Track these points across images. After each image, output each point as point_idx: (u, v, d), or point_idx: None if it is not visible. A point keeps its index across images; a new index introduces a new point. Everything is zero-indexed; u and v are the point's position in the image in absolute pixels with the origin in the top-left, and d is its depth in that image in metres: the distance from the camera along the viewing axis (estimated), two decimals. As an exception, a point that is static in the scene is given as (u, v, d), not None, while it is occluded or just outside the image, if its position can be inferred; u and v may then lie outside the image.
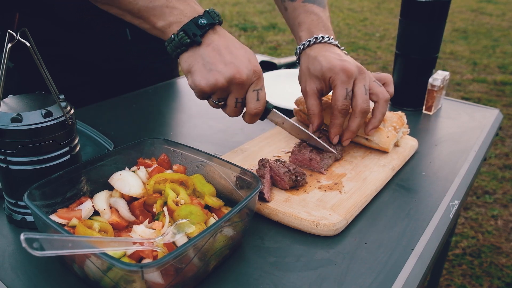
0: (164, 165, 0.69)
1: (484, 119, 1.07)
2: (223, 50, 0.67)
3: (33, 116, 0.59)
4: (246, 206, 0.56)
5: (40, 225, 0.55)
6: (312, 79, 0.80)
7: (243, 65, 0.67)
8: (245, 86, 0.68)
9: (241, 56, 0.67)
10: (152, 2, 0.67)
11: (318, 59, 0.79)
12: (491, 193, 2.49)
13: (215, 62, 0.66)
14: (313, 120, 0.82)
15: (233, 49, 0.67)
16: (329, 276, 0.57)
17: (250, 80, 0.68)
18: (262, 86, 0.70)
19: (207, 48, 0.67)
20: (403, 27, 1.07)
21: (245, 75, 0.67)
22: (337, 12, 6.90)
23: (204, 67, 0.66)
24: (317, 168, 0.76)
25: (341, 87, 0.76)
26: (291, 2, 0.90)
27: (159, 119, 1.05)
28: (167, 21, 0.67)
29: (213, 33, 0.68)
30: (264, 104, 0.71)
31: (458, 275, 1.91)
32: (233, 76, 0.66)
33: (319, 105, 0.81)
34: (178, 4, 0.67)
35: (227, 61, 0.66)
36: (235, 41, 0.69)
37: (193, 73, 0.67)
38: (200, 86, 0.67)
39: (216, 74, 0.66)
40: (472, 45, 5.26)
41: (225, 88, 0.67)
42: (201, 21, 0.66)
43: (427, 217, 0.70)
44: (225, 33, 0.69)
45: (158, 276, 0.48)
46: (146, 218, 0.61)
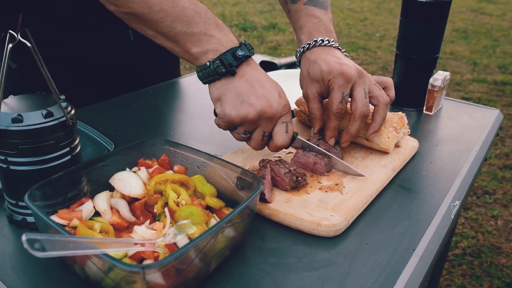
0: (165, 166, 0.69)
1: (485, 119, 1.07)
2: (255, 83, 0.68)
3: (33, 117, 0.59)
4: (247, 207, 0.56)
5: (40, 225, 0.55)
6: (312, 83, 0.81)
7: (274, 100, 0.68)
8: (274, 120, 0.70)
9: (272, 90, 0.69)
10: (190, 28, 0.67)
11: (317, 63, 0.79)
12: (491, 193, 2.49)
13: (248, 94, 0.67)
14: (314, 123, 0.82)
15: (264, 83, 0.69)
16: (330, 276, 0.57)
17: (280, 114, 0.70)
18: (291, 119, 0.72)
19: (241, 80, 0.68)
20: (404, 27, 1.07)
21: (275, 109, 0.68)
22: (337, 12, 6.90)
23: (236, 98, 0.68)
24: (321, 171, 0.76)
25: (338, 91, 0.76)
26: (293, 4, 0.90)
27: (160, 119, 1.05)
28: (203, 48, 0.68)
29: (246, 65, 0.69)
30: (291, 136, 0.73)
31: (458, 275, 1.91)
32: (264, 110, 0.68)
33: (320, 108, 0.82)
34: (215, 33, 0.68)
35: (259, 94, 0.68)
36: (265, 74, 0.71)
37: (224, 102, 0.69)
38: (231, 116, 0.68)
39: (248, 107, 0.67)
40: (472, 45, 5.26)
41: (254, 121, 0.69)
42: (239, 53, 0.68)
43: (428, 217, 0.70)
44: (257, 66, 0.71)
45: (160, 277, 0.48)
46: (147, 218, 0.61)
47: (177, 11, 0.67)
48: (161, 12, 0.67)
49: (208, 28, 0.68)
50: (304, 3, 0.88)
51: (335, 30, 0.86)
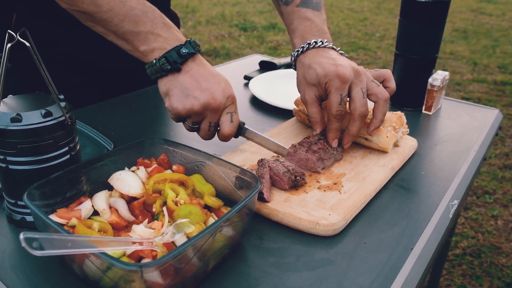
0: (163, 165, 0.69)
1: (484, 119, 1.07)
2: (200, 78, 0.71)
3: (32, 116, 0.59)
4: (246, 206, 0.56)
5: (39, 225, 0.55)
6: (309, 87, 0.81)
7: (218, 92, 0.71)
8: (218, 111, 0.73)
9: (216, 84, 0.72)
10: (138, 27, 0.71)
11: (312, 67, 0.79)
12: (491, 193, 2.49)
13: (192, 88, 0.71)
14: (315, 126, 0.83)
15: (209, 78, 0.72)
16: (329, 276, 0.58)
17: (224, 105, 0.73)
18: (236, 109, 0.75)
19: (186, 75, 0.71)
20: (403, 27, 1.07)
21: (219, 101, 0.71)
22: (337, 12, 6.90)
23: (181, 93, 0.71)
24: (313, 167, 0.76)
25: (335, 93, 0.76)
26: (285, 6, 0.90)
27: (159, 119, 1.05)
28: (150, 47, 0.71)
29: (192, 61, 0.72)
30: (237, 125, 0.76)
31: (458, 275, 1.91)
32: (208, 102, 0.71)
33: (320, 112, 0.82)
34: (162, 32, 0.72)
35: (203, 88, 0.71)
36: (211, 69, 0.74)
37: (171, 97, 0.72)
38: (177, 109, 0.71)
39: (192, 100, 0.70)
40: (472, 45, 5.26)
41: (200, 113, 0.72)
42: (183, 51, 0.71)
43: (427, 217, 0.70)
44: (203, 62, 0.74)
45: (158, 275, 0.48)
46: (145, 218, 0.61)
47: (124, 11, 0.70)
48: (110, 12, 0.70)
49: (155, 27, 0.71)
50: (297, 5, 0.88)
51: (335, 30, 0.87)
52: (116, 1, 0.70)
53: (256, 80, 1.23)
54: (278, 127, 0.95)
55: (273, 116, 1.06)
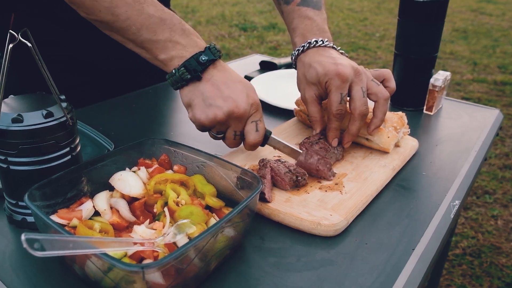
0: (164, 166, 0.69)
1: (485, 119, 1.07)
2: (221, 85, 0.69)
3: (34, 117, 0.59)
4: (247, 207, 0.56)
5: (40, 225, 0.55)
6: (309, 86, 0.81)
7: (241, 100, 0.69)
8: (243, 119, 0.71)
9: (239, 91, 0.69)
10: (156, 35, 0.69)
11: (313, 66, 0.79)
12: (491, 193, 2.49)
13: (214, 97, 0.68)
14: (315, 126, 0.83)
15: (231, 84, 0.70)
16: (330, 276, 0.57)
17: (248, 113, 0.71)
18: (261, 117, 0.73)
19: (207, 84, 0.69)
20: (402, 27, 1.07)
21: (243, 109, 0.69)
22: (337, 12, 6.90)
23: (203, 102, 0.69)
24: (325, 177, 0.75)
25: (336, 92, 0.76)
26: (286, 5, 0.90)
27: (160, 119, 1.05)
28: (169, 55, 0.69)
29: (213, 68, 0.70)
30: (263, 134, 0.74)
31: (458, 275, 1.91)
32: (232, 111, 0.69)
33: (320, 111, 0.82)
34: (181, 39, 0.69)
35: (225, 96, 0.68)
36: (234, 75, 0.72)
37: (193, 107, 0.70)
38: (200, 120, 0.70)
39: (215, 109, 0.68)
40: (472, 45, 5.26)
41: (224, 122, 0.70)
42: (202, 58, 0.68)
43: (428, 217, 0.70)
44: (225, 68, 0.72)
45: (159, 276, 0.48)
46: (146, 218, 0.61)
47: (142, 19, 0.68)
48: (127, 20, 0.68)
49: (173, 35, 0.69)
50: (297, 4, 0.87)
51: (335, 30, 0.87)
52: (134, 10, 0.68)
53: (256, 80, 1.23)
54: (278, 127, 0.95)
55: (273, 116, 1.06)
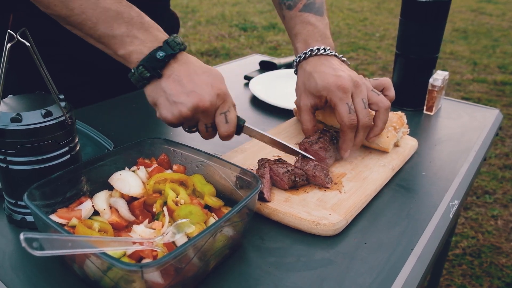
0: (164, 165, 0.69)
1: (484, 119, 1.07)
2: (184, 80, 0.66)
3: (33, 116, 0.59)
4: (246, 206, 0.56)
5: (40, 225, 0.55)
6: (307, 95, 0.80)
7: (205, 92, 0.66)
8: (210, 112, 0.68)
9: (203, 83, 0.66)
10: (112, 30, 0.66)
11: (313, 76, 0.78)
12: (491, 193, 2.49)
13: (177, 93, 0.66)
14: (307, 135, 0.83)
15: (194, 77, 0.67)
16: (329, 276, 0.57)
17: (215, 105, 0.68)
18: (230, 107, 0.70)
19: (168, 80, 0.66)
20: (403, 27, 1.07)
21: (208, 102, 0.66)
22: (337, 12, 6.90)
23: (167, 100, 0.67)
24: (322, 183, 0.74)
25: (342, 104, 0.76)
26: (288, 11, 0.89)
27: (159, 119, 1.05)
28: (127, 50, 0.67)
29: (174, 62, 0.67)
30: (234, 125, 0.71)
31: (458, 275, 1.91)
32: (197, 105, 0.66)
33: (312, 120, 0.82)
34: (139, 34, 0.66)
35: (188, 90, 0.66)
36: (197, 66, 0.68)
37: (158, 106, 0.68)
38: (167, 119, 0.68)
39: (180, 106, 0.66)
40: (472, 45, 5.26)
41: (191, 118, 0.68)
42: (159, 54, 0.65)
43: (427, 217, 0.70)
44: (187, 59, 0.68)
45: (158, 276, 0.48)
46: (146, 218, 0.61)
47: (98, 13, 0.65)
48: (82, 14, 0.66)
49: (131, 29, 0.66)
50: (300, 9, 0.87)
51: (335, 30, 0.87)
52: (89, 3, 0.65)
53: (256, 80, 1.23)
54: (278, 127, 0.95)
55: (273, 116, 1.06)
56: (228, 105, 0.70)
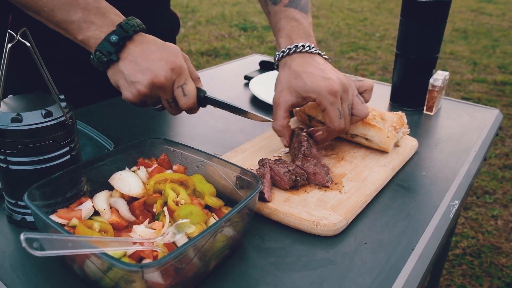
0: (164, 165, 0.69)
1: (484, 119, 1.07)
2: (139, 59, 0.68)
3: (33, 116, 0.59)
4: (246, 206, 0.56)
5: (40, 225, 0.55)
6: (291, 92, 0.79)
7: (160, 68, 0.67)
8: (167, 87, 0.69)
9: (157, 60, 0.68)
10: (69, 16, 0.67)
11: (301, 76, 0.77)
12: (491, 193, 2.49)
13: (134, 73, 0.68)
14: (282, 132, 0.81)
15: (149, 55, 0.68)
16: (329, 276, 0.57)
17: (170, 79, 0.69)
18: (186, 80, 0.70)
19: (125, 62, 0.68)
20: (404, 27, 1.07)
21: (162, 77, 0.67)
22: (337, 12, 6.90)
23: (126, 81, 0.69)
24: (322, 182, 0.74)
25: (334, 109, 0.76)
26: (273, 6, 0.89)
27: (159, 119, 1.05)
28: (85, 36, 0.68)
29: (130, 44, 0.68)
30: (193, 97, 0.71)
31: (458, 275, 1.91)
32: (152, 82, 0.67)
33: (287, 118, 0.80)
34: (95, 19, 0.68)
35: (143, 69, 0.67)
36: (152, 44, 0.69)
37: (120, 88, 0.70)
38: (129, 99, 0.70)
39: (137, 85, 0.68)
40: (472, 45, 5.26)
41: (150, 95, 0.69)
42: (113, 38, 0.67)
43: (427, 217, 0.70)
44: (143, 40, 0.70)
45: (158, 276, 0.48)
46: (146, 218, 0.61)
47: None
48: (39, 1, 0.67)
49: (88, 14, 0.67)
50: (285, 5, 0.86)
51: (335, 30, 0.87)
52: None
53: (256, 80, 1.23)
54: (279, 127, 0.95)
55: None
56: (184, 77, 0.70)
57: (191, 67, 0.75)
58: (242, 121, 1.03)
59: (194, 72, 0.75)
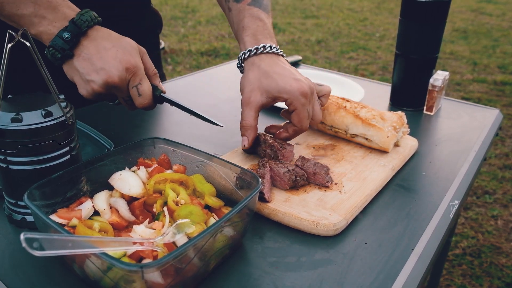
0: (164, 165, 0.69)
1: (484, 119, 1.07)
2: (94, 57, 0.67)
3: (33, 116, 0.59)
4: (246, 206, 0.56)
5: (40, 225, 0.55)
6: (261, 92, 0.78)
7: (114, 68, 0.67)
8: (121, 87, 0.69)
9: (111, 58, 0.67)
10: (19, 9, 0.66)
11: (272, 76, 0.77)
12: (491, 193, 2.49)
13: (89, 71, 0.67)
14: (248, 132, 0.79)
15: (103, 53, 0.67)
16: (329, 276, 0.57)
17: (125, 79, 0.68)
18: (141, 79, 0.70)
19: (79, 59, 0.68)
20: (403, 27, 1.07)
21: (116, 77, 0.67)
22: (337, 12, 6.90)
23: (81, 79, 0.69)
24: (321, 182, 0.74)
25: (303, 109, 0.77)
26: (235, 3, 0.88)
27: (159, 119, 1.05)
28: (37, 31, 0.67)
29: (84, 39, 0.67)
30: (148, 97, 0.71)
31: (458, 275, 1.91)
32: (106, 82, 0.67)
33: (256, 118, 0.79)
34: (47, 13, 0.66)
35: (98, 68, 0.67)
36: (107, 40, 0.69)
37: (76, 84, 0.70)
38: (84, 95, 0.70)
39: (92, 84, 0.68)
40: (472, 45, 5.26)
41: (105, 93, 0.69)
42: (65, 36, 0.66)
43: (427, 217, 0.70)
44: (98, 35, 0.69)
45: (158, 276, 0.48)
46: (146, 218, 0.61)
47: None
48: None
49: (38, 8, 0.65)
50: (248, 3, 0.86)
51: (335, 30, 0.87)
52: None
53: (256, 80, 1.23)
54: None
55: (273, 116, 1.06)
56: (139, 77, 0.70)
57: (148, 62, 0.74)
58: (242, 121, 1.03)
59: (151, 68, 0.74)
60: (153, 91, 0.73)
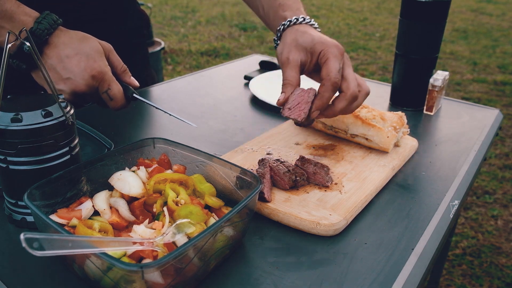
0: (164, 165, 0.69)
1: (484, 119, 1.07)
2: (58, 66, 0.67)
3: (33, 116, 0.59)
4: (246, 206, 0.56)
5: (40, 225, 0.55)
6: (298, 50, 0.78)
7: (79, 77, 0.67)
8: (91, 93, 0.69)
9: (75, 67, 0.67)
10: None
11: (308, 33, 0.78)
12: (491, 193, 2.49)
13: (56, 81, 0.67)
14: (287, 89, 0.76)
15: (66, 62, 0.67)
16: (329, 276, 0.57)
17: (93, 86, 0.68)
18: (110, 83, 0.70)
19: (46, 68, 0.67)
20: (403, 27, 1.07)
21: (84, 86, 0.67)
22: (337, 12, 6.90)
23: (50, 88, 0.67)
24: (322, 182, 0.74)
25: (335, 60, 0.74)
26: None
27: (159, 119, 1.05)
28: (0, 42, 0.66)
29: (46, 48, 0.67)
30: (120, 99, 0.72)
31: (458, 275, 1.91)
32: (74, 91, 0.67)
33: (298, 79, 0.78)
34: (3, 23, 0.65)
35: (64, 78, 0.67)
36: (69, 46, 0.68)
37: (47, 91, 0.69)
38: None
39: (61, 92, 0.68)
40: (472, 45, 5.26)
41: (77, 100, 0.69)
42: (25, 48, 0.63)
43: (427, 217, 0.70)
44: (58, 41, 0.68)
45: (158, 276, 0.48)
46: (146, 218, 0.61)
47: None
48: None
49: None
50: None
51: (335, 30, 0.87)
52: None
53: (256, 80, 1.23)
54: (278, 127, 0.95)
55: (273, 116, 1.06)
56: (107, 82, 0.70)
57: (116, 60, 0.73)
58: (242, 121, 1.03)
59: (119, 65, 0.74)
60: (125, 91, 0.73)
